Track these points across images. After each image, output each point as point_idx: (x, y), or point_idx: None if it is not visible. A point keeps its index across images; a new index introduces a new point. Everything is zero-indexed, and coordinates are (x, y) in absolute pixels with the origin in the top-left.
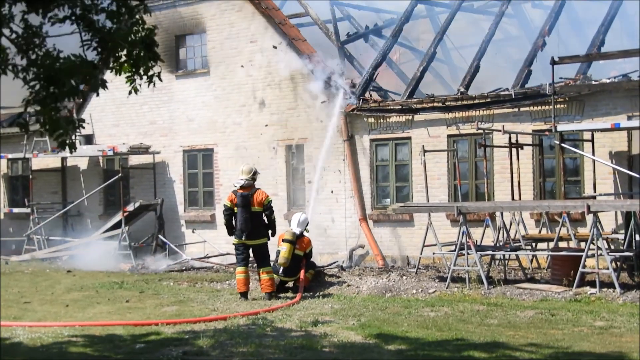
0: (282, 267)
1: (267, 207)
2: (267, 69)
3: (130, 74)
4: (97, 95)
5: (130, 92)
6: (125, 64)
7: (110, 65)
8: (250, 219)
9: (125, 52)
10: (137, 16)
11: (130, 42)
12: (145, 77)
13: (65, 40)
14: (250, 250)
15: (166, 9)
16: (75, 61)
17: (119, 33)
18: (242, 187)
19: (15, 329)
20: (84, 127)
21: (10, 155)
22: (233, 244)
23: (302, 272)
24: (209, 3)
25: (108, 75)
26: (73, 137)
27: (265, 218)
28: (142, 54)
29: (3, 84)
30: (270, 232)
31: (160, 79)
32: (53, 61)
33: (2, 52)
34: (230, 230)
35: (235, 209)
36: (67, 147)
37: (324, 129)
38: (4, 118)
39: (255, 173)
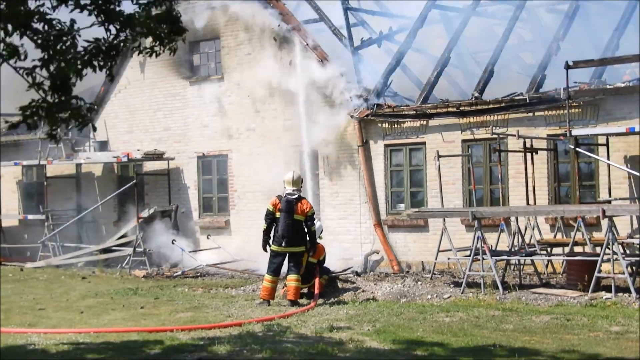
0: None
1: (310, 218)
2: (280, 75)
3: (151, 46)
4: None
5: (151, 55)
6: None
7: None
8: (292, 226)
9: (145, 32)
10: None
11: (156, 20)
12: (165, 48)
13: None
14: (287, 257)
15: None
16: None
17: (137, 19)
18: (288, 194)
19: (30, 336)
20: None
21: (25, 162)
22: (272, 250)
23: (316, 279)
24: (222, 9)
25: (122, 82)
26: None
27: (305, 228)
28: (164, 30)
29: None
30: (309, 242)
31: (184, 41)
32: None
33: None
34: (267, 239)
35: (278, 214)
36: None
37: (337, 135)
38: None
39: (302, 180)
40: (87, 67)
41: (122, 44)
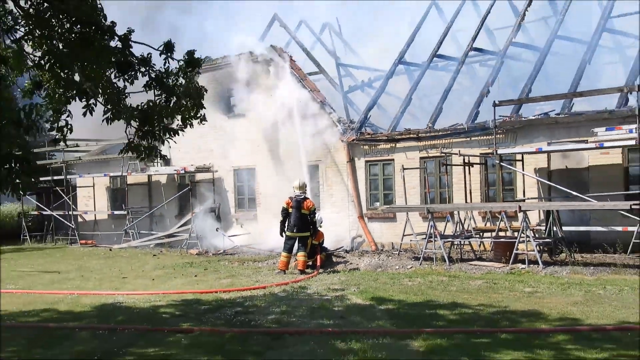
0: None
1: (312, 212)
2: (291, 112)
3: (187, 116)
4: (191, 126)
5: (185, 127)
6: (184, 110)
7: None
8: (300, 218)
9: (183, 101)
10: (190, 76)
11: (188, 95)
12: (196, 120)
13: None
14: (297, 240)
15: (220, 69)
16: (162, 104)
17: (180, 89)
18: (297, 195)
19: (116, 297)
20: (161, 154)
21: (111, 174)
22: (286, 235)
23: (318, 256)
24: (252, 66)
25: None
26: (158, 156)
27: (309, 219)
28: (194, 103)
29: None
30: (312, 229)
31: (205, 121)
32: (147, 108)
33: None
34: (283, 228)
35: (290, 210)
36: (156, 159)
37: (332, 154)
38: (106, 148)
39: (306, 186)
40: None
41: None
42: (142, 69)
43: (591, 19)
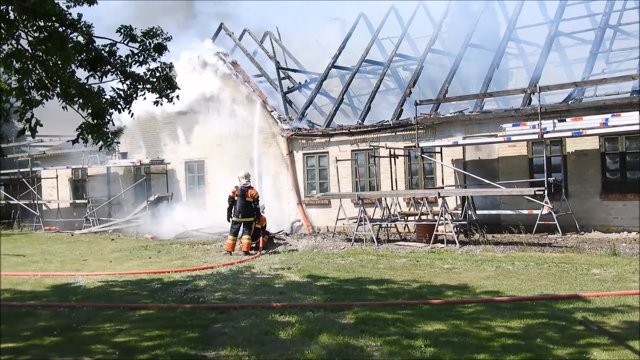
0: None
1: (256, 200)
2: (237, 110)
3: (157, 98)
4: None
5: (156, 104)
6: (150, 92)
7: (139, 95)
8: (245, 205)
9: (149, 86)
10: (157, 63)
11: (155, 79)
12: (166, 100)
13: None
14: (242, 224)
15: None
16: (110, 100)
17: (144, 77)
18: (243, 185)
19: (76, 278)
20: (117, 142)
21: (73, 166)
22: (232, 220)
23: (261, 238)
24: (200, 69)
25: (138, 114)
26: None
27: (253, 206)
28: (164, 86)
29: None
30: (256, 214)
31: (178, 98)
32: (99, 103)
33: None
34: (230, 214)
35: (236, 198)
36: (108, 147)
37: (274, 147)
38: (64, 145)
39: (250, 176)
40: (113, 108)
41: (134, 94)
42: (111, 60)
43: (499, 30)
